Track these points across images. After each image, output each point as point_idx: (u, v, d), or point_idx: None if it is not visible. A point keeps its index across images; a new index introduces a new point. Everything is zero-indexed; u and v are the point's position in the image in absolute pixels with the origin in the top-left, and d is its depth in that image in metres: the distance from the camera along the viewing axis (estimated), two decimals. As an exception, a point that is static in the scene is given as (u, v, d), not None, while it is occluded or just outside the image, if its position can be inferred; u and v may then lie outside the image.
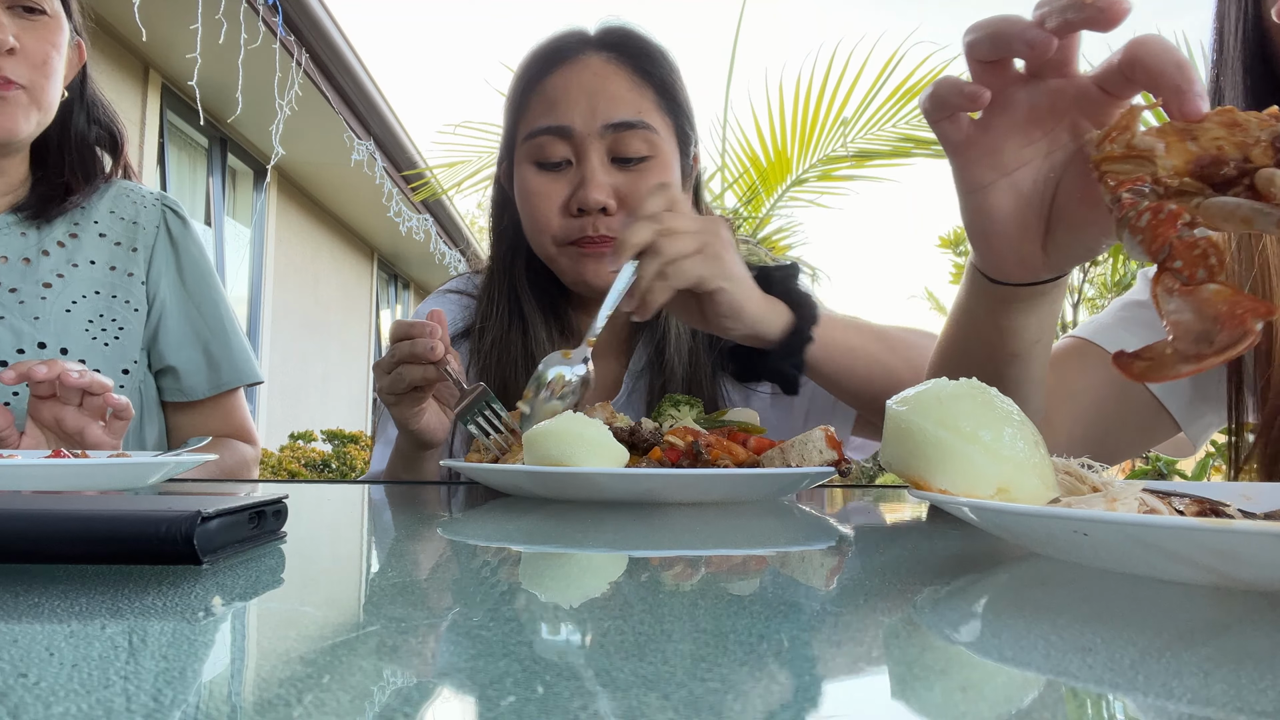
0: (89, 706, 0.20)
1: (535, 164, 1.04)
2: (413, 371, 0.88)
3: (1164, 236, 0.45)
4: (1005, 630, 0.29)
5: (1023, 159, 0.60)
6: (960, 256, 11.42)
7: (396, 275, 10.26)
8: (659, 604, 0.31)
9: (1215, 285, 0.43)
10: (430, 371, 0.88)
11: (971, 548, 0.48)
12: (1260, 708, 0.21)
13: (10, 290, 1.11)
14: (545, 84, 1.04)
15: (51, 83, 1.09)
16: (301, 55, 4.83)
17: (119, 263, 1.19)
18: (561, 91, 1.02)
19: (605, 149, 1.02)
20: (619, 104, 1.02)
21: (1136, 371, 0.45)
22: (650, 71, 1.05)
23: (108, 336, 1.14)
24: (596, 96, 1.01)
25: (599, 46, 1.05)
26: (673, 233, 0.80)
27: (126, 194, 1.24)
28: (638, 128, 1.01)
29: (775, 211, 4.39)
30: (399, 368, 0.89)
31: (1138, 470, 3.69)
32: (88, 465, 0.72)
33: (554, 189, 1.03)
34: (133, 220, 1.22)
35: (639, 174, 1.02)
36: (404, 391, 0.90)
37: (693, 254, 0.80)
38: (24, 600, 0.31)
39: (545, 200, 1.03)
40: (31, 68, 1.06)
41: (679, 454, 0.73)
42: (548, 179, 1.03)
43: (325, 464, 5.25)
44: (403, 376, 0.89)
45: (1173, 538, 0.32)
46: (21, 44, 1.05)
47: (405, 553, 0.47)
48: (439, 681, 0.23)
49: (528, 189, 1.05)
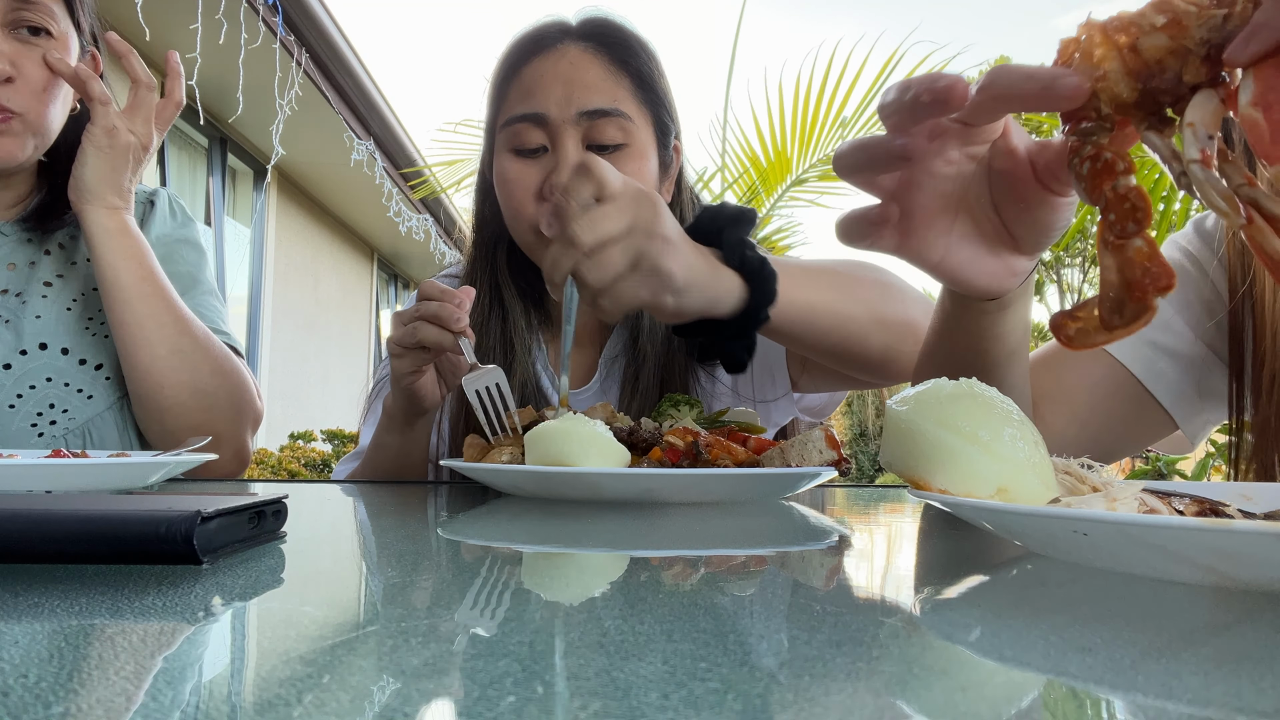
0: (89, 706, 0.20)
1: (512, 151, 1.05)
2: (429, 331, 0.89)
3: (1100, 188, 0.45)
4: (1005, 630, 0.29)
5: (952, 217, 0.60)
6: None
7: (396, 275, 10.27)
8: (659, 604, 0.31)
9: (1140, 241, 0.43)
10: (446, 338, 0.89)
11: (971, 548, 0.48)
12: (1260, 708, 0.21)
13: (16, 295, 1.11)
14: (523, 72, 1.05)
15: (52, 108, 1.08)
16: (301, 55, 4.83)
17: None
18: (538, 80, 1.03)
19: (580, 136, 1.02)
20: (594, 92, 1.02)
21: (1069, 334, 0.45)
22: (627, 61, 1.06)
23: (106, 329, 1.15)
24: (572, 84, 1.02)
25: (577, 36, 1.06)
26: (596, 253, 0.68)
27: None
28: (612, 115, 1.02)
29: (775, 211, 4.39)
30: (417, 322, 0.90)
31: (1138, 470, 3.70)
32: (88, 465, 0.72)
33: (529, 175, 1.04)
34: None
35: (614, 161, 1.02)
36: (412, 347, 0.91)
37: (626, 273, 0.69)
38: (24, 600, 0.31)
39: (520, 187, 1.04)
40: (31, 94, 1.05)
41: (679, 454, 0.73)
42: (524, 165, 1.04)
43: (325, 464, 5.25)
44: (418, 332, 0.90)
45: (1173, 538, 0.32)
46: (22, 70, 1.04)
47: (405, 552, 0.47)
48: (439, 681, 0.23)
49: (505, 176, 1.06)
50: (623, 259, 0.69)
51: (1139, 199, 0.43)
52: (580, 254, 0.68)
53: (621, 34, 1.07)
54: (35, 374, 1.08)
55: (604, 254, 0.68)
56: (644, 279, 0.70)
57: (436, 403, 1.01)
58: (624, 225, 0.69)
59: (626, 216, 0.69)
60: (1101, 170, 0.45)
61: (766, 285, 0.76)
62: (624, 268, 0.69)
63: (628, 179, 0.72)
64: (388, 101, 5.94)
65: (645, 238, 0.69)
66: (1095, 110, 0.47)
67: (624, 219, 0.69)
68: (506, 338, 1.12)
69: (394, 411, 1.02)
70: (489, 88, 1.12)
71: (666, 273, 0.69)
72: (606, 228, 0.68)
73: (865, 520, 0.68)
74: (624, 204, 0.69)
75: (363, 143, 5.85)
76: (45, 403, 1.08)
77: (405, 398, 0.98)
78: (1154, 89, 0.45)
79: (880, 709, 0.21)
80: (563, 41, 1.05)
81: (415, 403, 0.98)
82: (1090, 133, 0.47)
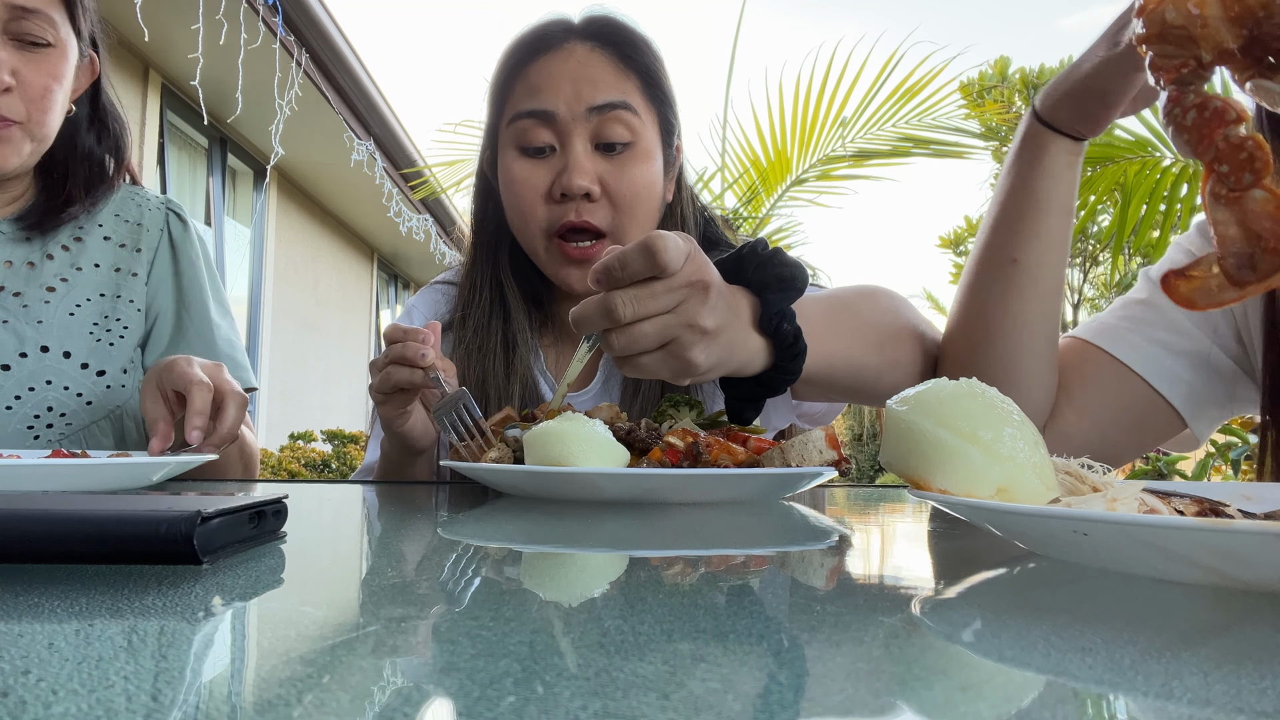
0: (89, 706, 0.20)
1: (519, 149, 1.04)
2: (400, 373, 0.90)
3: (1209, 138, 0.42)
4: (1005, 630, 0.29)
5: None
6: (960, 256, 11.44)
7: (396, 275, 10.26)
8: (659, 604, 0.31)
9: (1262, 192, 0.40)
10: (417, 376, 0.90)
11: (971, 548, 0.48)
12: (1260, 708, 0.21)
13: (14, 295, 1.11)
14: (529, 70, 1.04)
15: (50, 115, 1.09)
16: (301, 55, 4.83)
17: (123, 264, 1.19)
18: (545, 77, 1.03)
19: (589, 135, 1.02)
20: (602, 88, 1.02)
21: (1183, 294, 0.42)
22: (634, 58, 1.05)
23: (112, 337, 1.15)
24: (580, 82, 1.02)
25: (583, 35, 1.06)
26: (630, 327, 0.66)
27: (132, 198, 1.25)
28: (620, 108, 1.02)
29: (775, 211, 4.39)
30: (389, 367, 0.91)
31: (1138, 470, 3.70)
32: (88, 465, 0.72)
33: (538, 175, 1.03)
34: (137, 222, 1.23)
35: (622, 161, 1.03)
36: (391, 391, 0.92)
37: (653, 349, 0.68)
38: (24, 600, 0.31)
39: (529, 187, 1.03)
40: (29, 102, 1.06)
41: (679, 454, 0.73)
42: (531, 166, 1.04)
43: (325, 464, 5.25)
44: (390, 376, 0.90)
45: (1173, 538, 0.32)
46: (21, 78, 1.05)
47: (405, 553, 0.47)
48: (439, 681, 0.23)
49: (511, 176, 1.05)
50: (655, 339, 0.67)
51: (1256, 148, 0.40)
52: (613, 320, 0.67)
53: (627, 32, 1.07)
54: (35, 376, 1.08)
55: (637, 329, 0.66)
56: (669, 360, 0.68)
57: (431, 439, 1.01)
58: (665, 307, 0.66)
59: (672, 299, 0.66)
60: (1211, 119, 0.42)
61: (794, 363, 0.74)
62: (653, 346, 0.67)
63: (692, 257, 0.67)
64: (388, 101, 5.94)
65: (684, 327, 0.67)
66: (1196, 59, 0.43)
67: (669, 302, 0.66)
68: (509, 338, 1.12)
69: (392, 454, 1.03)
70: (490, 87, 1.11)
71: (693, 362, 0.68)
72: (650, 307, 0.66)
73: (865, 520, 0.68)
74: (675, 286, 0.66)
75: (363, 143, 5.85)
76: (43, 405, 1.08)
77: (399, 440, 0.98)
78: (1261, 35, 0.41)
79: (880, 709, 0.21)
80: (569, 40, 1.05)
81: (410, 443, 0.98)
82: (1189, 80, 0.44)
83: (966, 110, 4.37)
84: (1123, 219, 3.81)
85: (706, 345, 0.68)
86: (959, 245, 11.37)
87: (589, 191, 1.01)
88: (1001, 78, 9.97)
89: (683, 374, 0.69)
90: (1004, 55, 10.40)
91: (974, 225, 10.99)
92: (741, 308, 0.73)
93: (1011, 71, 10.12)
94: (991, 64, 10.17)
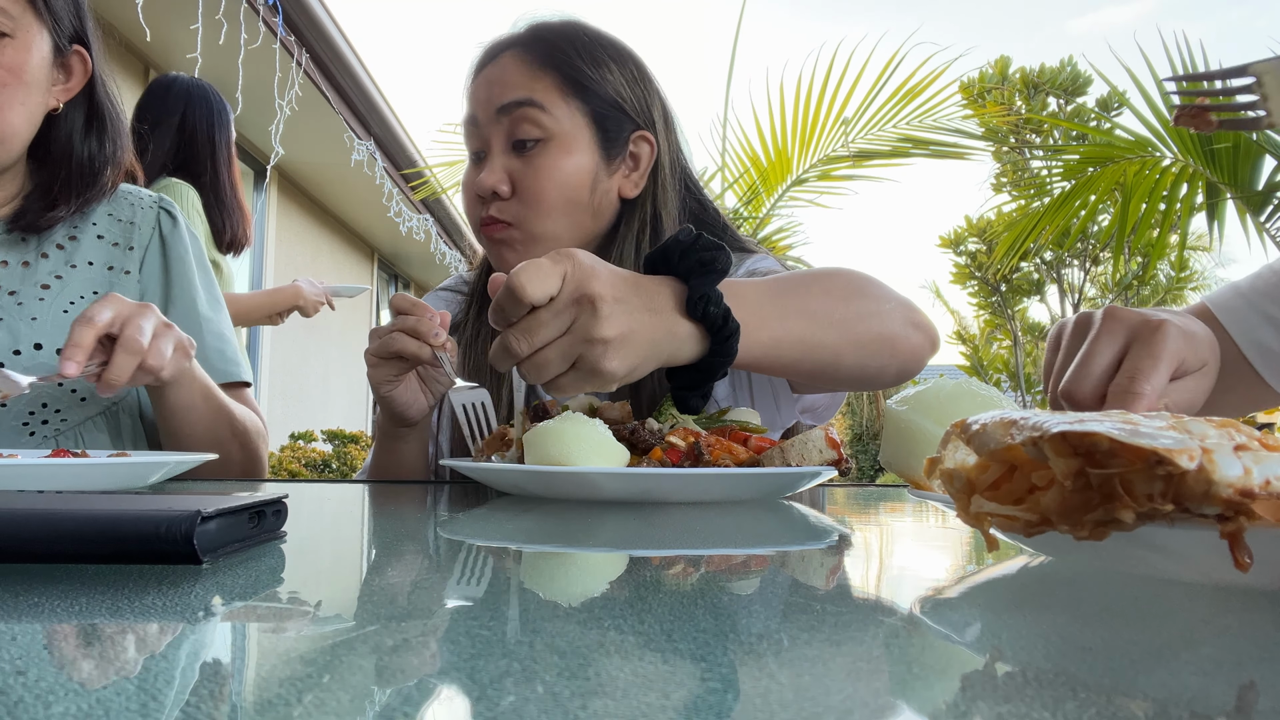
0: (89, 706, 0.20)
1: (470, 155, 1.13)
2: (408, 342, 0.92)
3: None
4: (1005, 630, 0.29)
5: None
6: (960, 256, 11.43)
7: (396, 275, 10.26)
8: (659, 604, 0.31)
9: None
10: (424, 350, 0.91)
11: (971, 548, 0.48)
12: (1260, 708, 0.21)
13: (9, 294, 1.11)
14: (472, 83, 1.13)
15: (9, 111, 1.05)
16: (301, 55, 4.83)
17: (115, 262, 1.19)
18: (476, 87, 1.11)
19: (505, 136, 1.07)
20: (510, 89, 1.07)
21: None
22: (551, 57, 1.08)
23: None
24: (493, 85, 1.08)
25: (513, 44, 1.11)
26: (532, 358, 0.69)
27: (125, 197, 1.25)
28: (525, 105, 1.06)
29: (775, 211, 4.40)
30: (394, 333, 0.92)
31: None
32: (88, 465, 0.72)
33: (473, 178, 1.10)
34: (130, 221, 1.23)
35: (531, 158, 1.06)
36: (388, 357, 0.93)
37: (565, 371, 0.70)
38: (24, 600, 0.31)
39: (468, 190, 1.11)
40: None
41: (679, 454, 0.73)
42: (473, 170, 1.11)
43: (325, 464, 5.25)
44: (394, 343, 0.92)
45: (1173, 538, 0.32)
46: None
47: (405, 552, 0.47)
48: (439, 681, 0.23)
49: (462, 181, 1.14)
50: (561, 363, 0.69)
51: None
52: (519, 355, 0.69)
53: (551, 34, 1.10)
54: (30, 374, 1.08)
55: (540, 357, 0.69)
56: (584, 376, 0.70)
57: (421, 411, 1.02)
58: (557, 332, 0.68)
59: (561, 322, 0.68)
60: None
61: (727, 344, 0.74)
62: (563, 368, 0.69)
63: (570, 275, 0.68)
64: (388, 101, 5.94)
65: (584, 344, 0.68)
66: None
67: (557, 326, 0.68)
68: None
69: (384, 424, 1.05)
70: None
71: (607, 372, 0.69)
72: (541, 336, 0.68)
73: (865, 520, 0.68)
74: (560, 310, 0.68)
75: (363, 143, 5.84)
76: (38, 402, 1.08)
77: (386, 406, 1.00)
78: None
79: (880, 709, 0.21)
80: (504, 51, 1.10)
81: (397, 411, 1.00)
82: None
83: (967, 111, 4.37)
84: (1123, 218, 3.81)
85: (615, 352, 0.69)
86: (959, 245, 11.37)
87: (496, 190, 1.07)
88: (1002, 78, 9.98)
89: (604, 384, 0.70)
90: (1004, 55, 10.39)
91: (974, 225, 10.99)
92: (663, 298, 0.73)
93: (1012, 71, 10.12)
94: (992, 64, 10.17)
